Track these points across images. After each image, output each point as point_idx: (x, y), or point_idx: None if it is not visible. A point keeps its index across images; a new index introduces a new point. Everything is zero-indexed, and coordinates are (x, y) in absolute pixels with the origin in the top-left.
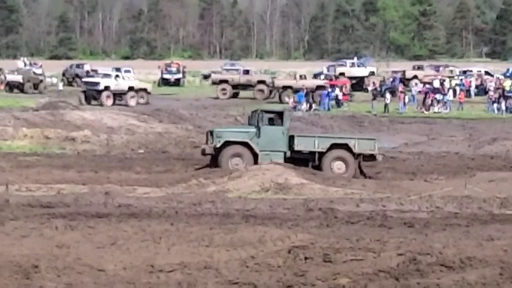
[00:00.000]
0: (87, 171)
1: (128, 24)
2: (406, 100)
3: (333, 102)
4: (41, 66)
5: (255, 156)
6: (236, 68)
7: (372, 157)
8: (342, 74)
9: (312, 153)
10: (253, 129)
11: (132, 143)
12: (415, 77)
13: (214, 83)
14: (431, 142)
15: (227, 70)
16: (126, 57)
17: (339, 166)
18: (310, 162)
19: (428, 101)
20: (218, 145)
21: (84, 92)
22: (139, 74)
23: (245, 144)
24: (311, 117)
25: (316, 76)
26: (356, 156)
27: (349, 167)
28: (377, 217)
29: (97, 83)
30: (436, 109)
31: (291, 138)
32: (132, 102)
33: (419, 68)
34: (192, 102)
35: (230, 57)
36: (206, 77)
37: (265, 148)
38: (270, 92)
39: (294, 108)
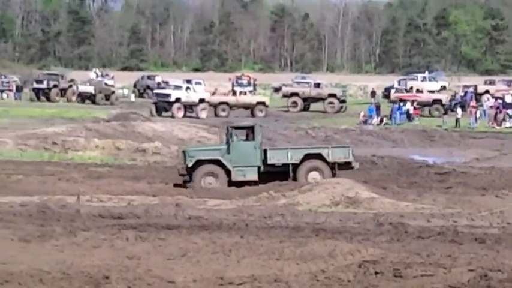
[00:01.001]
0: (157, 183)
1: (199, 36)
2: (478, 115)
3: (404, 116)
4: (112, 77)
5: (228, 172)
6: (307, 81)
7: (347, 165)
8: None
9: (286, 165)
10: (224, 146)
11: None
12: (487, 91)
13: (284, 95)
14: (503, 157)
15: (298, 83)
16: (197, 69)
17: (313, 176)
18: (285, 174)
19: (500, 116)
20: (190, 164)
21: (155, 103)
22: (210, 86)
23: (217, 162)
24: (381, 131)
25: (387, 90)
26: (331, 165)
27: (324, 176)
28: (448, 232)
29: (168, 95)
30: (507, 124)
31: (264, 152)
32: (203, 114)
33: (491, 82)
34: None
35: (301, 70)
36: (277, 89)
37: (238, 164)
38: (341, 105)
39: (365, 122)
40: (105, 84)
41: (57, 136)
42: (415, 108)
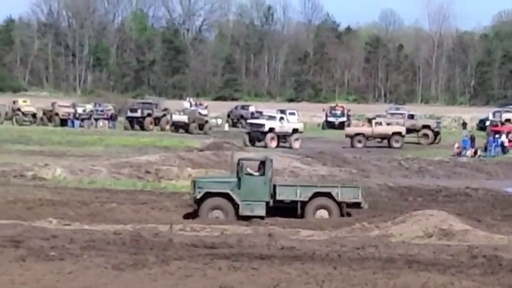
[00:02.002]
0: None
1: (293, 67)
2: None
3: (499, 148)
4: (206, 107)
5: (236, 206)
6: (401, 112)
7: (356, 205)
8: (508, 120)
9: (295, 202)
10: (234, 179)
11: None
12: None
13: None
14: None
15: (392, 114)
16: (291, 100)
17: (321, 214)
18: (294, 211)
19: None
20: (199, 196)
21: (248, 133)
22: (304, 116)
23: (225, 195)
24: (476, 163)
25: (481, 122)
26: (339, 204)
27: (333, 215)
28: None
29: (262, 125)
30: None
31: (273, 187)
32: (296, 145)
33: None
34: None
35: (395, 101)
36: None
37: (247, 198)
38: (435, 136)
39: (459, 154)
40: (199, 113)
41: (151, 165)
42: (510, 141)
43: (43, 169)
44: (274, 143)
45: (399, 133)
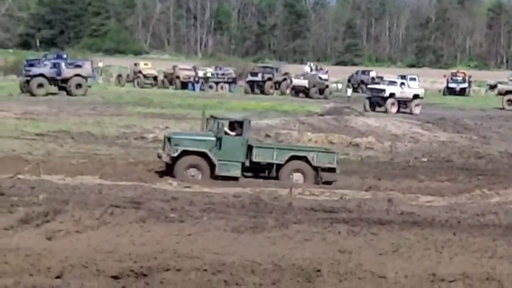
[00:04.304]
0: (370, 178)
1: (414, 32)
2: None
3: None
4: (326, 71)
5: (212, 166)
6: None
7: (331, 170)
8: None
9: (270, 164)
10: (212, 138)
11: (415, 151)
12: None
13: (500, 93)
14: None
15: None
16: (412, 65)
17: (296, 177)
18: (268, 172)
19: None
20: (175, 154)
21: (369, 98)
22: (425, 82)
23: (203, 155)
24: None
25: None
26: (314, 168)
27: (307, 179)
28: None
29: (382, 90)
30: None
31: (249, 148)
32: (417, 111)
33: None
34: (477, 112)
35: None
36: (492, 87)
37: (223, 158)
38: None
39: None
40: (319, 78)
41: (271, 129)
42: None
43: (164, 132)
44: (394, 109)
45: None
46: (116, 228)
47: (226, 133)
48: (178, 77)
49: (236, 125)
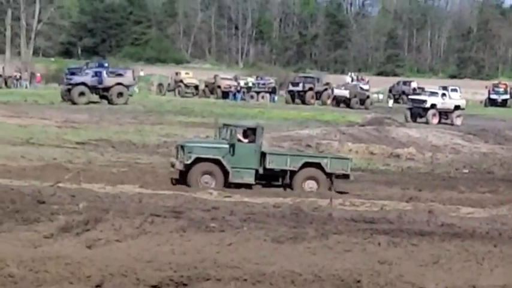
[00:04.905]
0: (410, 189)
1: (456, 43)
2: None
3: None
4: (367, 82)
5: (226, 173)
6: None
7: (345, 176)
8: None
9: (284, 171)
10: (225, 145)
11: (456, 162)
12: None
13: None
14: None
15: None
16: (453, 76)
17: (310, 185)
18: (281, 180)
19: None
20: (189, 161)
21: (410, 109)
22: (466, 93)
23: (217, 162)
24: None
25: None
26: (328, 175)
27: (321, 186)
28: None
29: (423, 101)
30: None
31: (263, 155)
32: (458, 122)
33: None
34: None
35: None
36: None
37: (237, 165)
38: None
39: None
40: (361, 88)
41: (311, 139)
42: None
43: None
44: (435, 120)
45: None
46: (156, 237)
47: (239, 140)
48: (219, 87)
49: (249, 132)
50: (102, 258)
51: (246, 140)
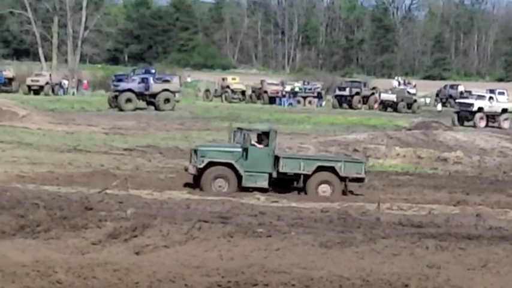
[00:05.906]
0: (458, 193)
1: (503, 46)
2: None
3: None
4: (414, 85)
5: (239, 177)
6: None
7: (359, 180)
8: None
9: (297, 175)
10: (238, 149)
11: (504, 165)
12: None
13: None
14: None
15: None
16: (500, 79)
17: (324, 189)
18: (295, 184)
19: None
20: (202, 165)
21: (457, 112)
22: None
23: (229, 165)
24: None
25: None
26: (342, 179)
27: (335, 190)
28: None
29: (471, 104)
30: None
31: (276, 159)
32: (506, 125)
33: None
34: None
35: None
36: None
37: (250, 169)
38: None
39: None
40: (408, 92)
41: (359, 143)
42: None
43: None
44: (483, 123)
45: None
46: (203, 243)
47: (252, 144)
48: (266, 92)
49: (263, 136)
50: (150, 265)
51: (259, 144)
